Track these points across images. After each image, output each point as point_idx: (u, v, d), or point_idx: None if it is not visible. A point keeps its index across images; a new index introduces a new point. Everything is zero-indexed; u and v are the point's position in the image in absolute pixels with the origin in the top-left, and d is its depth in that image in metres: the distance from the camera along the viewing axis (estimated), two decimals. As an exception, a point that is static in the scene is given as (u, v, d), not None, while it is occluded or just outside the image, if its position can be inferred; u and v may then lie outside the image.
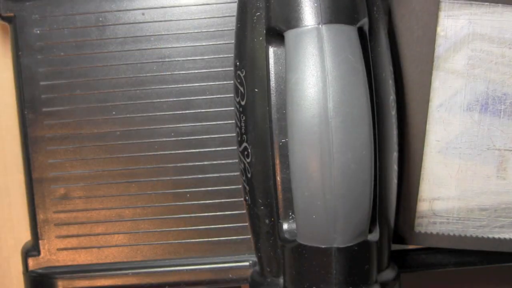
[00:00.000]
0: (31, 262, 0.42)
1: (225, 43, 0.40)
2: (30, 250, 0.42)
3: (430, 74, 0.40)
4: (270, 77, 0.35)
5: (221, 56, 0.41)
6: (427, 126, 0.41)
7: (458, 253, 0.42)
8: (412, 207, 0.42)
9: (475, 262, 0.43)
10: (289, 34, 0.33)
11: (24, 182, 0.42)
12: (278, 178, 0.36)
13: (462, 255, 0.42)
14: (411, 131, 0.41)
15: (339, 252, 0.34)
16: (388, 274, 0.38)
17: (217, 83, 0.41)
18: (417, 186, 0.42)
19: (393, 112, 0.37)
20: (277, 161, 0.36)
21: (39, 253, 0.42)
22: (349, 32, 0.33)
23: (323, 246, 0.34)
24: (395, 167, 0.37)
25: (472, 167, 0.41)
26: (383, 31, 0.36)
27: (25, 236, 0.45)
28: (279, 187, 0.36)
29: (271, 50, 0.35)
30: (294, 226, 0.36)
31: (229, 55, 0.40)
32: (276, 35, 0.34)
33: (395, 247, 0.42)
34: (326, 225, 0.33)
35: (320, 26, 0.32)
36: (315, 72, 0.32)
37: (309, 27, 0.33)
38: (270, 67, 0.35)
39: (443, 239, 0.42)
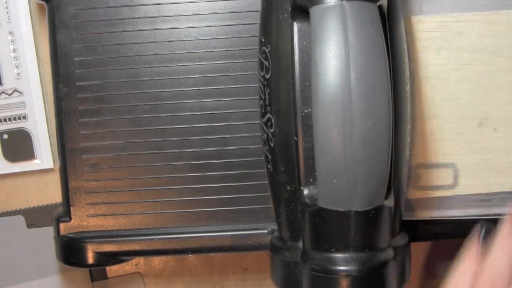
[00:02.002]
0: (62, 227, 0.42)
1: (249, 24, 0.40)
2: (62, 216, 0.42)
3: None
4: (294, 52, 0.35)
5: (244, 36, 0.40)
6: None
7: (463, 224, 0.42)
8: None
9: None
10: (315, 10, 0.33)
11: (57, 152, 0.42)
12: (300, 146, 0.35)
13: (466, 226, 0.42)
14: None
15: (357, 215, 0.34)
16: (400, 240, 0.38)
17: (240, 61, 0.40)
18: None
19: (407, 87, 0.37)
20: (300, 130, 0.35)
21: (70, 219, 0.42)
22: (371, 9, 0.33)
23: (342, 210, 0.33)
24: (408, 139, 0.37)
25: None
26: (399, 11, 0.36)
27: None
28: (301, 155, 0.36)
29: (295, 26, 0.35)
30: (314, 191, 0.35)
31: (252, 36, 0.40)
32: (301, 12, 0.34)
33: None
34: (346, 189, 0.33)
35: (344, 2, 0.32)
36: (339, 45, 0.32)
37: (333, 3, 0.32)
38: (295, 42, 0.35)
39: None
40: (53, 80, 0.41)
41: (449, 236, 0.42)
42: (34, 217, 0.50)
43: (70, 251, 0.42)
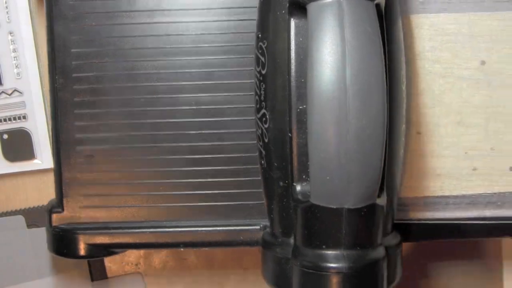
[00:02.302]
0: (54, 218, 0.42)
1: (247, 19, 0.40)
2: (55, 207, 0.42)
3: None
4: (291, 48, 0.35)
5: (242, 31, 0.40)
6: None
7: (455, 225, 0.42)
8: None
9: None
10: (312, 7, 0.33)
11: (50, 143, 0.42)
12: (294, 143, 0.35)
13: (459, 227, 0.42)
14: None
15: (350, 213, 0.33)
16: (392, 240, 0.38)
17: (237, 56, 0.40)
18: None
19: (403, 86, 0.37)
20: (294, 127, 0.35)
21: (62, 210, 0.42)
22: (368, 6, 0.33)
23: (334, 207, 0.33)
24: (402, 138, 0.37)
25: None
26: (397, 10, 0.36)
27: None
28: (295, 151, 0.35)
29: (292, 22, 0.35)
30: (307, 188, 0.35)
31: (249, 32, 0.40)
32: (298, 8, 0.34)
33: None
34: (339, 186, 0.33)
35: (341, -1, 0.32)
36: (335, 41, 0.32)
37: (331, 0, 0.32)
38: (291, 38, 0.35)
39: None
40: (49, 71, 0.41)
41: (441, 237, 0.42)
42: (34, 217, 0.50)
43: (62, 242, 0.41)
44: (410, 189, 0.40)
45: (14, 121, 0.48)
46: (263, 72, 0.36)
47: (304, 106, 0.35)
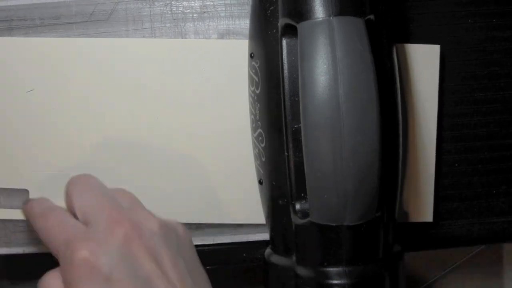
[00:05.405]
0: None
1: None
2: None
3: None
4: (284, 67, 0.35)
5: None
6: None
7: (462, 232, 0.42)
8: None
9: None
10: (302, 26, 0.33)
11: None
12: (291, 161, 0.35)
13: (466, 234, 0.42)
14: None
15: (349, 230, 0.33)
16: (394, 251, 0.38)
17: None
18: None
19: (398, 100, 0.37)
20: (290, 145, 0.35)
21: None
22: (358, 24, 0.32)
23: (334, 224, 0.33)
24: (400, 151, 0.37)
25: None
26: (388, 24, 0.36)
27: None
28: (293, 170, 0.35)
29: (284, 41, 0.35)
30: (306, 206, 0.35)
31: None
32: (289, 28, 0.34)
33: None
34: (337, 204, 0.33)
35: (331, 18, 0.32)
36: (326, 60, 0.32)
37: (321, 19, 0.32)
38: (284, 57, 0.35)
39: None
40: None
41: (443, 245, 0.42)
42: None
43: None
44: None
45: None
46: (257, 91, 0.36)
47: (299, 124, 0.35)
